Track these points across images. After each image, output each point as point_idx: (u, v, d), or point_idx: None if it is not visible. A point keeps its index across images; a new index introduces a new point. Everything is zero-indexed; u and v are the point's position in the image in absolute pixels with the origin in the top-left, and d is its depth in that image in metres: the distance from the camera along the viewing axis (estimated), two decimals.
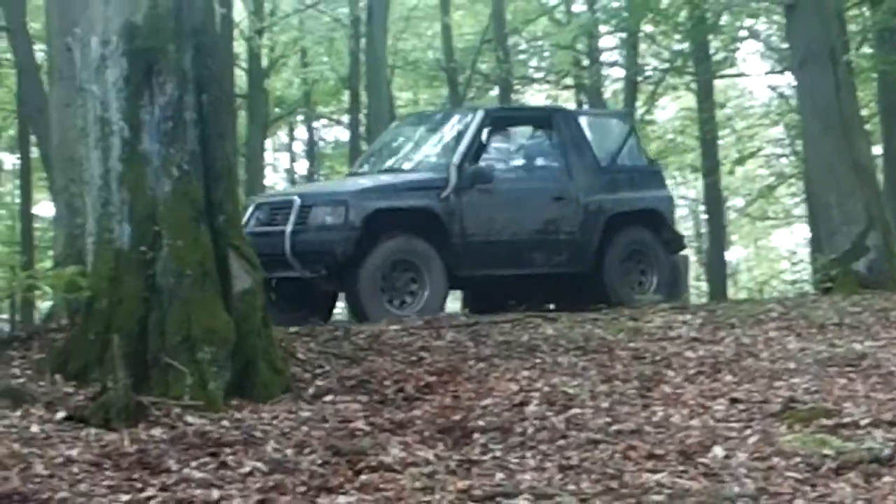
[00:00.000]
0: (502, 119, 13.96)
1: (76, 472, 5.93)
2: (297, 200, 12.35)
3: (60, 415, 6.94)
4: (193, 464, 6.06)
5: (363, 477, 5.84)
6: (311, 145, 36.14)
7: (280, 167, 40.02)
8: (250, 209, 12.53)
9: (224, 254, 7.84)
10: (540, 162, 13.77)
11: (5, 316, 24.86)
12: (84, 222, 8.43)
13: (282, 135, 37.86)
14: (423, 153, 13.77)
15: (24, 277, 8.44)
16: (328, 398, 7.68)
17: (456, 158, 12.71)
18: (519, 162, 13.90)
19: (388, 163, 13.88)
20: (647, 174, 14.12)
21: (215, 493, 5.55)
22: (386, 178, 13.21)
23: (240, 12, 27.42)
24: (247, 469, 5.97)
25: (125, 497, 5.52)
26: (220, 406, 7.20)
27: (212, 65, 8.18)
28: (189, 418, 6.91)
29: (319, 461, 6.13)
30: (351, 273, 11.92)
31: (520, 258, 12.77)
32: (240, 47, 28.67)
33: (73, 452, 6.24)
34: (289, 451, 6.32)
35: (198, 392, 7.22)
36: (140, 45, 7.86)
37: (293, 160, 38.98)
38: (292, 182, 35.61)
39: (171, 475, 5.88)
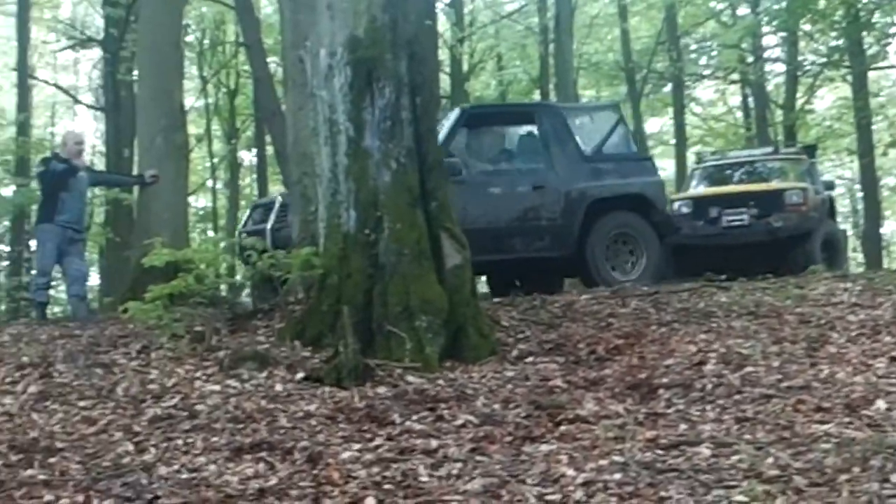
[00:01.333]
0: (481, 117, 12.93)
1: (314, 425, 6.02)
2: (279, 200, 12.26)
3: (299, 376, 7.08)
4: (414, 417, 6.09)
5: (562, 428, 5.80)
6: None
7: None
8: (248, 211, 12.49)
9: (437, 234, 7.86)
10: (521, 155, 12.75)
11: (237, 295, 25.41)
12: (316, 210, 8.54)
13: None
14: None
15: (267, 258, 8.56)
16: (529, 359, 7.63)
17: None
18: (499, 155, 12.90)
19: None
20: (635, 162, 12.90)
21: (434, 443, 5.57)
22: None
23: (443, 24, 27.58)
24: (460, 421, 5.98)
25: (357, 446, 5.58)
26: (436, 367, 7.22)
27: (423, 70, 8.20)
28: (409, 378, 6.95)
29: (523, 414, 6.10)
30: None
31: (497, 245, 11.56)
32: (443, 54, 28.82)
33: (311, 407, 6.34)
34: (496, 406, 6.31)
35: (416, 355, 7.25)
36: (362, 56, 7.93)
37: None
38: None
39: (395, 427, 5.92)
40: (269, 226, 11.99)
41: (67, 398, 6.78)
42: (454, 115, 12.31)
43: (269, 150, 25.20)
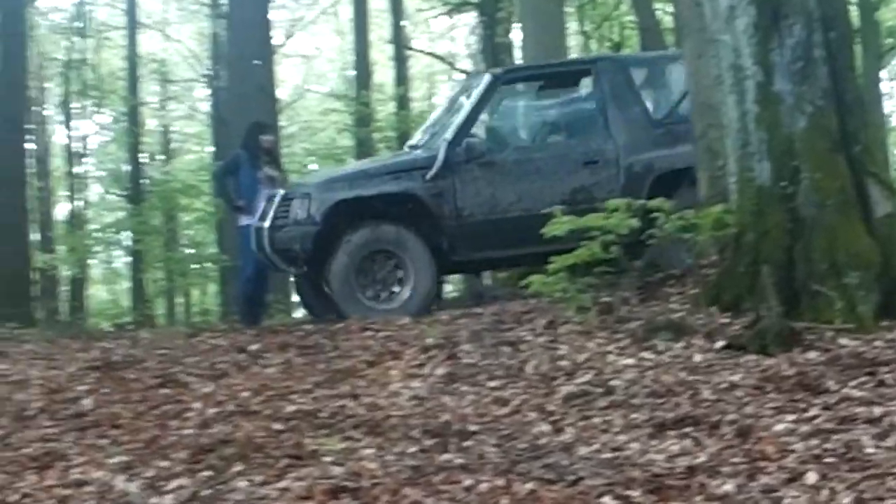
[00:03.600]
0: (518, 80, 12.01)
1: (741, 396, 6.03)
2: (280, 193, 11.09)
3: (719, 344, 7.07)
4: (851, 383, 5.99)
5: None
6: None
7: None
8: (263, 205, 11.35)
9: (862, 181, 7.64)
10: (569, 124, 11.56)
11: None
12: (724, 164, 8.49)
13: None
14: (440, 126, 11.68)
15: (676, 219, 8.59)
16: None
17: (449, 133, 10.90)
18: (541, 127, 11.76)
19: (418, 139, 12.27)
20: None
21: (877, 411, 5.46)
22: (369, 164, 12.41)
23: None
24: None
25: (790, 417, 5.56)
26: (872, 327, 7.03)
27: (835, 3, 7.98)
28: (842, 341, 6.82)
29: None
30: (326, 270, 10.54)
31: (534, 235, 9.73)
32: None
33: (736, 378, 6.35)
34: None
35: (848, 315, 7.10)
36: None
37: None
38: None
39: (831, 395, 5.84)
40: (267, 223, 10.82)
41: (476, 379, 7.09)
42: (483, 82, 11.31)
43: None
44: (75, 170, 31.61)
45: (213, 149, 26.62)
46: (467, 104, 11.13)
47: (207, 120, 30.07)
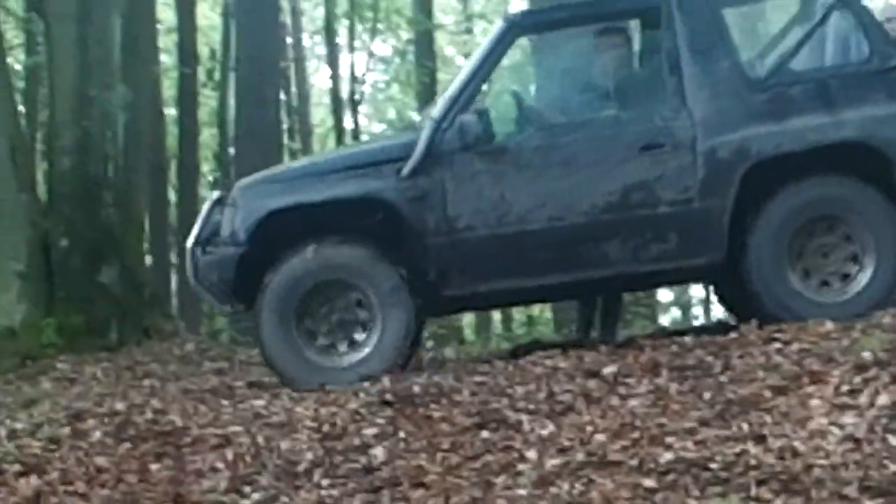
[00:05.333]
0: (544, 27, 11.23)
1: None
2: (211, 199, 10.71)
3: None
4: None
5: None
6: None
7: None
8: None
9: None
10: (620, 90, 10.70)
11: None
12: None
13: None
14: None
15: None
16: None
17: (438, 110, 10.30)
18: (578, 96, 10.86)
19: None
20: (869, 79, 10.18)
21: None
22: (324, 156, 11.94)
23: None
24: None
25: None
26: None
27: None
28: None
29: None
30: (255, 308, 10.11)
31: (571, 257, 9.89)
32: None
33: None
34: None
35: None
36: None
37: None
38: None
39: None
40: (190, 241, 10.50)
41: None
42: (495, 31, 10.74)
43: None
44: (345, 122, 32.43)
45: None
46: (468, 64, 10.74)
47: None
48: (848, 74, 10.23)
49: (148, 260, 19.71)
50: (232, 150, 26.12)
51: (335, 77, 31.91)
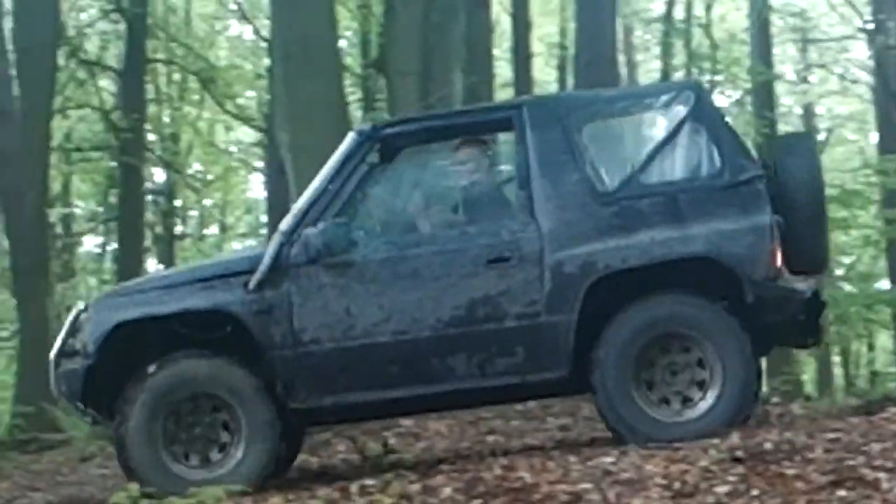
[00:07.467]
0: (397, 138, 10.76)
1: None
2: (76, 310, 10.52)
3: None
4: None
5: None
6: None
7: None
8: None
9: None
10: (469, 202, 10.62)
11: None
12: None
13: None
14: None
15: None
16: None
17: (285, 224, 10.26)
18: (427, 208, 10.74)
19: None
20: (720, 193, 10.05)
21: None
22: (180, 268, 12.11)
23: None
24: None
25: None
26: None
27: None
28: None
29: None
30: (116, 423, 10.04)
31: (416, 371, 9.87)
32: None
33: None
34: None
35: None
36: None
37: None
38: None
39: None
40: (53, 352, 10.48)
41: None
42: (346, 143, 10.64)
43: None
44: None
45: (877, 136, 26.51)
46: (318, 176, 10.57)
47: (869, 94, 29.99)
48: (698, 188, 10.18)
49: None
50: None
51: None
